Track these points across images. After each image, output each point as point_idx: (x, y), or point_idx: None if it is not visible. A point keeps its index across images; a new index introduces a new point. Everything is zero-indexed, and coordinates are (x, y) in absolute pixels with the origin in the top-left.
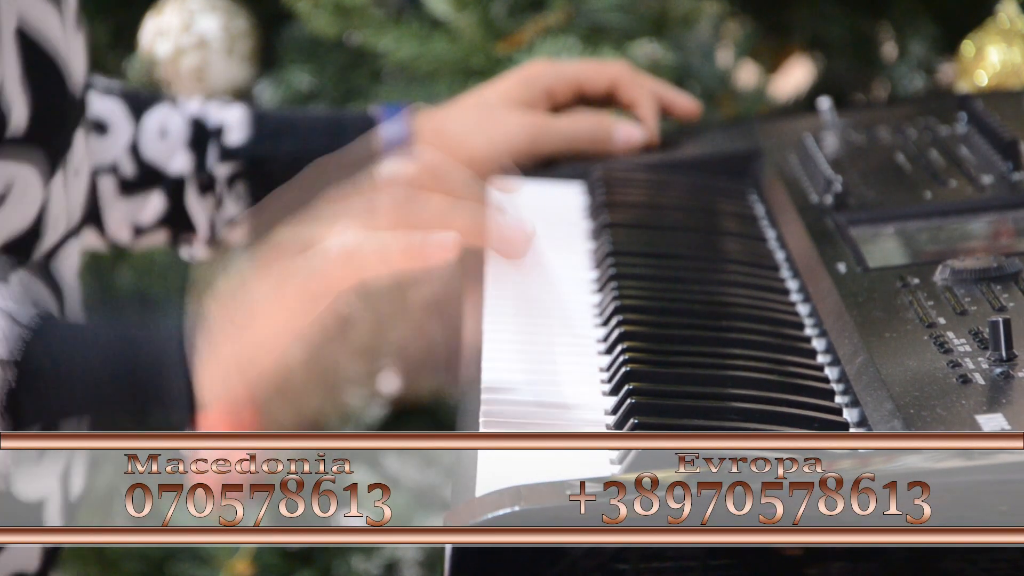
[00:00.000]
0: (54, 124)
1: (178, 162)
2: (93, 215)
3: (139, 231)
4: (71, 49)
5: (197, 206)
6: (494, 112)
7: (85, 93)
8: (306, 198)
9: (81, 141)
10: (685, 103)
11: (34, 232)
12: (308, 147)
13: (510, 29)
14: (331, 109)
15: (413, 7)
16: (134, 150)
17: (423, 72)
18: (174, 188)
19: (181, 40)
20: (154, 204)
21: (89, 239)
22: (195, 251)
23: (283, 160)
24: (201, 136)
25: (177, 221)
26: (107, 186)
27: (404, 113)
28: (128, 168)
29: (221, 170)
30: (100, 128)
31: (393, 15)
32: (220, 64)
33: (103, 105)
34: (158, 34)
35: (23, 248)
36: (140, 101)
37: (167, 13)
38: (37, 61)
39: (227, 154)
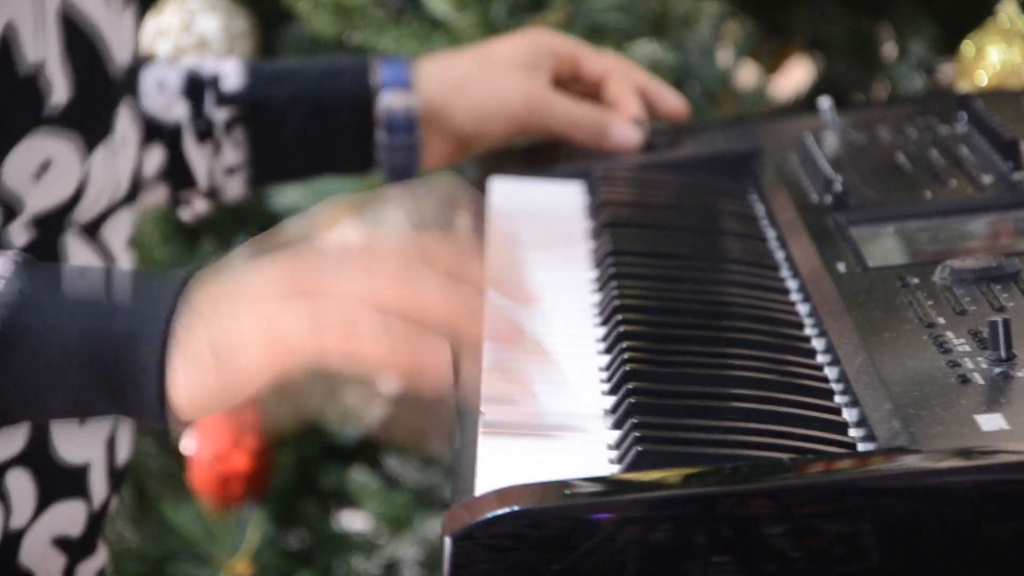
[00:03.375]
0: (92, 103)
1: (175, 111)
2: None
3: (139, 186)
4: (116, 28)
5: (196, 154)
6: (498, 68)
7: (132, 70)
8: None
9: (126, 117)
10: (673, 101)
11: (71, 203)
12: (305, 89)
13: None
14: (328, 58)
15: (413, 7)
16: None
17: None
18: (172, 137)
19: (181, 40)
20: (154, 157)
21: None
22: (195, 207)
23: (280, 104)
24: (197, 84)
25: (176, 173)
26: None
27: (402, 59)
28: None
29: (219, 115)
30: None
31: (393, 15)
32: None
33: None
34: (158, 34)
35: (58, 216)
36: (138, 60)
37: (167, 13)
38: (78, 42)
39: (224, 99)
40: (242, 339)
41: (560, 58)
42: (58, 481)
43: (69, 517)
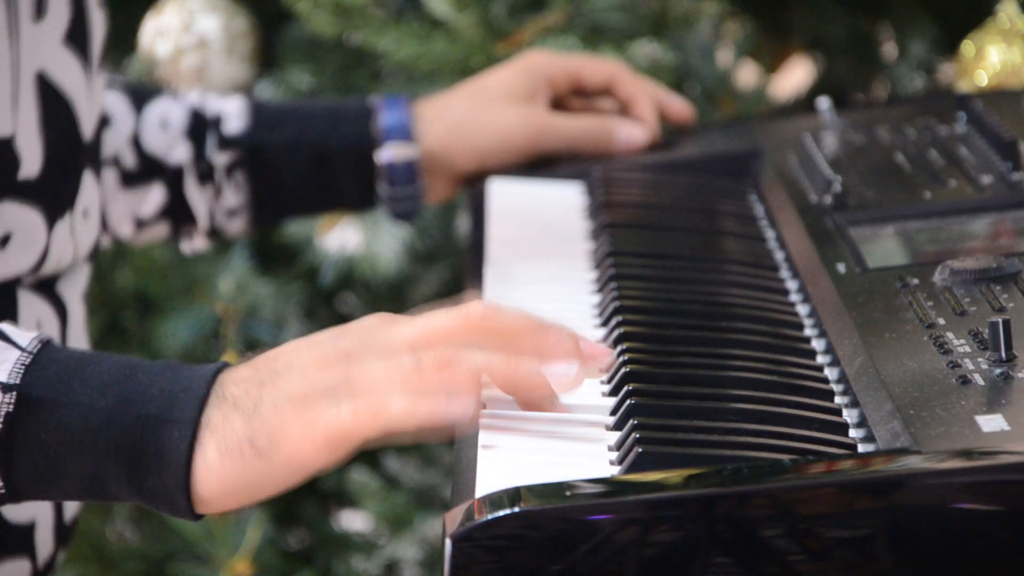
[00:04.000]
0: (61, 174)
1: (178, 152)
2: None
3: (140, 224)
4: (88, 97)
5: (197, 196)
6: (494, 103)
7: (98, 134)
8: None
9: (91, 182)
10: (680, 107)
11: (30, 272)
12: (306, 135)
13: (510, 29)
14: (330, 99)
15: (413, 7)
16: (135, 142)
17: (423, 72)
18: (174, 178)
19: (181, 40)
20: (155, 196)
21: None
22: (195, 243)
23: (281, 148)
24: (200, 126)
25: (177, 212)
26: (109, 179)
27: (403, 102)
28: (129, 160)
29: (220, 159)
30: (103, 121)
31: (393, 15)
32: (220, 64)
33: (106, 99)
34: (158, 34)
35: (14, 280)
36: (142, 94)
37: (167, 13)
38: (54, 109)
39: (225, 143)
40: (284, 431)
41: (555, 78)
42: (2, 540)
43: (13, 574)
